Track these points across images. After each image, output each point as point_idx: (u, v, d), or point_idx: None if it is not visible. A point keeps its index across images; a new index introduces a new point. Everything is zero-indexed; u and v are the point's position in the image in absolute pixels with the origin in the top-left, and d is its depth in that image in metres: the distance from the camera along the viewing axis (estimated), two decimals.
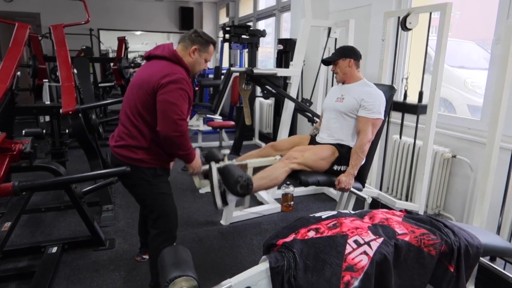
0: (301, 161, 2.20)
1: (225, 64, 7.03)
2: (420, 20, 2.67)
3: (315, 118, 3.27)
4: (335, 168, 2.30)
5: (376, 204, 2.99)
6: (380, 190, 3.16)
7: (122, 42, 6.23)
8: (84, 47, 6.96)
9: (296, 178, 2.22)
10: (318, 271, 1.14)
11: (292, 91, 3.30)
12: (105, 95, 6.81)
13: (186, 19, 8.60)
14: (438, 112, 2.69)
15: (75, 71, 3.46)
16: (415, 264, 1.24)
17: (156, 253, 1.80)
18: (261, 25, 6.87)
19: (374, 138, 2.29)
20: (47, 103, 3.51)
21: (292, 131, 4.30)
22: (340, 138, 2.35)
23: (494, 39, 2.58)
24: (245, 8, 7.47)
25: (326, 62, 2.54)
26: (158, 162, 1.91)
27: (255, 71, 3.04)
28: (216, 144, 5.58)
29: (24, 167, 2.37)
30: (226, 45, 5.64)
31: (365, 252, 1.17)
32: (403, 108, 2.95)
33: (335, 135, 2.37)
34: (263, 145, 4.95)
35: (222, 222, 3.03)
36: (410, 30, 2.72)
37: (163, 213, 1.97)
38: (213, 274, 2.32)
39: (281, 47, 4.82)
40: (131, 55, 7.98)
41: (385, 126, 2.73)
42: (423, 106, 2.76)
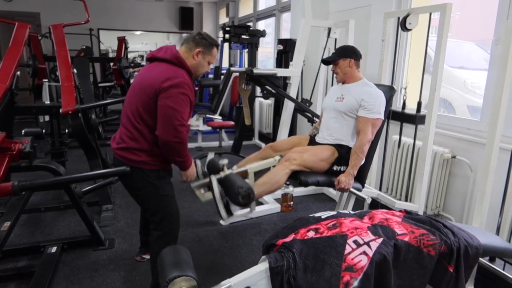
0: (300, 162, 2.19)
1: (225, 64, 7.02)
2: (420, 20, 2.67)
3: (314, 118, 3.27)
4: (335, 168, 2.30)
5: (375, 204, 2.99)
6: (380, 190, 3.17)
7: (122, 42, 6.23)
8: (84, 47, 6.97)
9: (296, 178, 2.22)
10: (317, 271, 1.14)
11: (292, 91, 3.30)
12: (105, 95, 6.81)
13: (186, 19, 8.60)
14: (438, 113, 2.69)
15: (75, 71, 3.46)
16: (414, 264, 1.24)
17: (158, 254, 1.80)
18: (261, 25, 6.87)
19: (374, 138, 2.29)
20: (46, 102, 3.50)
21: (292, 131, 4.30)
22: (340, 138, 2.34)
23: (493, 39, 2.58)
24: (245, 8, 7.47)
25: (326, 62, 2.53)
26: (160, 164, 1.90)
27: (255, 71, 3.04)
28: (215, 144, 5.58)
29: (23, 167, 2.37)
30: (226, 45, 5.64)
31: (364, 253, 1.17)
32: (402, 117, 2.96)
33: (334, 135, 2.37)
34: (263, 145, 4.94)
35: (221, 222, 3.02)
36: (410, 30, 2.72)
37: (167, 214, 1.95)
38: (212, 274, 2.32)
39: (281, 47, 4.82)
40: (131, 55, 8.00)
41: (384, 126, 2.72)
42: (421, 116, 2.76)
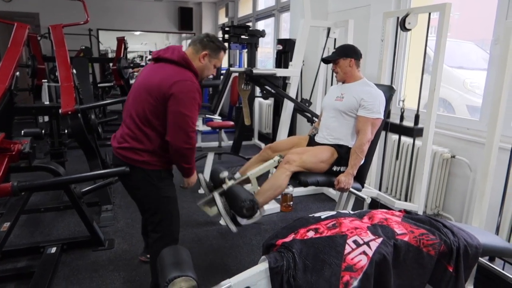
0: (299, 163, 2.19)
1: (224, 64, 7.03)
2: (419, 20, 2.67)
3: (314, 118, 3.27)
4: (335, 169, 2.30)
5: (375, 204, 2.99)
6: (380, 190, 3.17)
7: (121, 42, 6.23)
8: (83, 47, 6.96)
9: (296, 179, 2.22)
10: (317, 271, 1.14)
11: (292, 91, 3.30)
12: (104, 95, 6.81)
13: (186, 19, 8.59)
14: (437, 112, 2.69)
15: (74, 71, 3.46)
16: (414, 264, 1.24)
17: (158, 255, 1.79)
18: (260, 25, 6.86)
19: (373, 138, 2.29)
20: (46, 103, 3.50)
21: (292, 131, 4.30)
22: (339, 137, 2.34)
23: (493, 39, 2.59)
24: (244, 8, 7.46)
25: (326, 61, 2.52)
26: (163, 164, 1.87)
27: (255, 71, 3.04)
28: (215, 144, 5.57)
29: (23, 167, 2.37)
30: (226, 45, 5.64)
31: (364, 252, 1.17)
32: (400, 130, 2.96)
33: (334, 134, 2.37)
34: (263, 145, 4.94)
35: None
36: (409, 30, 2.72)
37: (167, 215, 1.93)
38: (212, 274, 2.32)
39: (280, 47, 4.81)
40: (130, 55, 7.98)
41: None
42: (419, 129, 2.76)
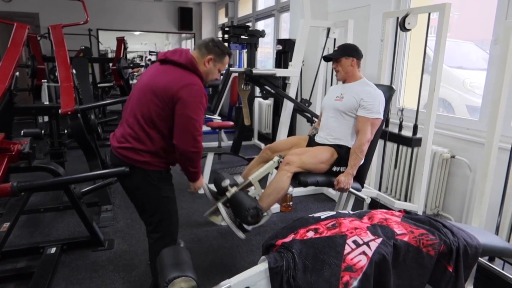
0: (299, 164, 2.19)
1: None
2: (419, 20, 2.67)
3: (314, 118, 3.27)
4: (334, 169, 2.30)
5: (375, 204, 2.99)
6: (379, 190, 3.17)
7: (121, 42, 6.22)
8: (83, 47, 6.95)
9: (295, 179, 2.22)
10: (317, 271, 1.14)
11: (291, 92, 3.30)
12: (104, 96, 6.81)
13: (185, 20, 8.59)
14: (437, 113, 2.69)
15: (74, 71, 3.46)
16: (414, 264, 1.24)
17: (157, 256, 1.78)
18: (260, 25, 6.87)
19: (373, 138, 2.28)
20: (46, 103, 3.50)
21: (291, 132, 4.30)
22: (339, 137, 2.34)
23: (492, 39, 2.59)
24: (244, 8, 7.47)
25: (328, 59, 2.49)
26: (163, 165, 1.87)
27: (254, 72, 3.04)
28: (215, 144, 5.57)
29: (22, 168, 2.36)
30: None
31: (364, 253, 1.17)
32: (398, 139, 2.97)
33: (333, 134, 2.36)
34: (262, 145, 4.94)
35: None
36: (409, 30, 2.72)
37: (166, 215, 1.93)
38: (212, 275, 2.32)
39: (280, 47, 4.82)
40: (130, 55, 7.98)
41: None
42: (417, 139, 2.78)
